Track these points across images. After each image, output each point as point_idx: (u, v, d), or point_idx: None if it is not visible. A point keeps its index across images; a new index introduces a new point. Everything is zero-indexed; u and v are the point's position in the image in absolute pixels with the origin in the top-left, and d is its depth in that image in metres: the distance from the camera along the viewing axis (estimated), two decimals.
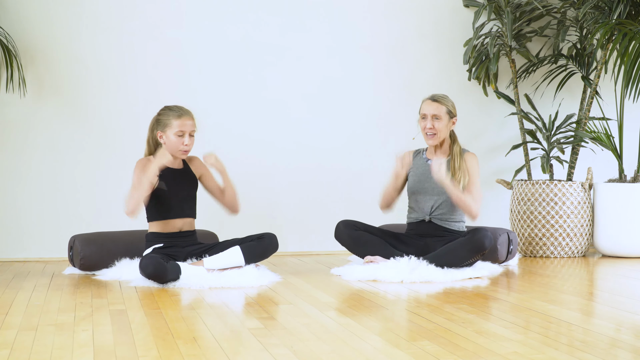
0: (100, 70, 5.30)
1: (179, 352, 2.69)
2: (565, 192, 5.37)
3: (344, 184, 5.65)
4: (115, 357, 2.64)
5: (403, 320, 3.26)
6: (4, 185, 5.20)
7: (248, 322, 3.20)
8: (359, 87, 5.67)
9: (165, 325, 3.13)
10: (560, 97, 5.85)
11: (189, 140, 4.37)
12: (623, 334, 2.97)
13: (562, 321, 3.21)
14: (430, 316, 3.30)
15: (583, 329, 3.05)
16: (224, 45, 5.45)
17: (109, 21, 5.29)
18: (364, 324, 3.15)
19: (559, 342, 2.83)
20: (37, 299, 3.76)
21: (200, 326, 3.12)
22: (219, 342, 2.84)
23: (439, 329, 3.06)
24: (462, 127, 5.76)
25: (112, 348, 2.76)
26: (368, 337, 2.93)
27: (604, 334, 2.96)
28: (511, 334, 2.96)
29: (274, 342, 2.83)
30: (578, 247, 5.41)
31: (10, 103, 5.18)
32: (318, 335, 2.95)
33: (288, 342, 2.84)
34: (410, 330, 3.05)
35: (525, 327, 3.09)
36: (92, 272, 4.59)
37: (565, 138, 5.52)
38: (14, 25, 5.16)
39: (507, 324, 3.14)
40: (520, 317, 3.29)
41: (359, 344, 2.81)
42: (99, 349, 2.76)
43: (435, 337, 2.92)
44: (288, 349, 2.74)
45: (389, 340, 2.87)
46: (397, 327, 3.12)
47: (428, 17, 5.74)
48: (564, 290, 3.99)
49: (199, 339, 2.90)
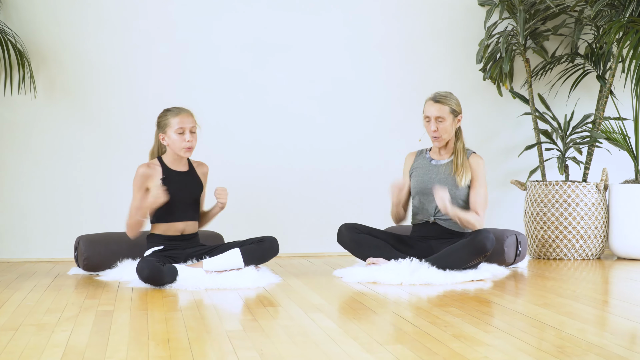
0: (109, 72, 5.33)
1: (147, 354, 2.69)
2: (579, 193, 5.27)
3: (355, 185, 5.62)
4: (82, 357, 2.65)
5: (385, 324, 3.22)
6: (15, 185, 5.26)
7: (228, 324, 3.18)
8: (370, 87, 5.63)
9: (145, 327, 3.13)
10: (576, 96, 5.75)
11: (190, 136, 4.37)
12: (605, 339, 2.90)
13: (547, 326, 3.14)
14: (415, 319, 3.26)
15: (566, 334, 2.98)
16: (233, 46, 5.45)
17: (118, 23, 5.32)
18: (345, 327, 3.12)
19: (536, 349, 2.77)
20: (31, 299, 3.79)
21: (179, 328, 3.12)
22: (190, 344, 2.83)
23: (418, 332, 3.02)
24: (476, 127, 5.70)
25: (83, 349, 2.77)
26: (343, 340, 2.90)
27: (586, 340, 2.88)
28: (490, 339, 2.90)
29: (245, 345, 2.82)
30: (592, 250, 5.31)
31: (21, 104, 5.24)
32: (293, 338, 2.93)
33: (260, 344, 2.82)
34: (388, 334, 3.01)
35: (506, 332, 3.03)
36: (96, 272, 4.62)
37: (581, 138, 5.42)
38: (24, 27, 5.22)
39: (490, 328, 3.08)
40: (506, 322, 3.23)
41: (330, 348, 2.78)
42: (70, 349, 2.77)
43: (411, 341, 2.88)
44: (257, 351, 2.72)
45: (363, 344, 2.83)
46: (377, 331, 3.08)
47: (442, 16, 5.68)
48: (562, 294, 3.91)
49: (173, 340, 2.90)
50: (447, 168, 4.58)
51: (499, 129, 5.77)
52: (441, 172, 4.57)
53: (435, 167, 4.61)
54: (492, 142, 5.75)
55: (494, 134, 5.76)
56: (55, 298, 3.81)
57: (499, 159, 5.74)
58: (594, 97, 5.73)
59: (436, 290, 4.05)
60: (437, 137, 4.54)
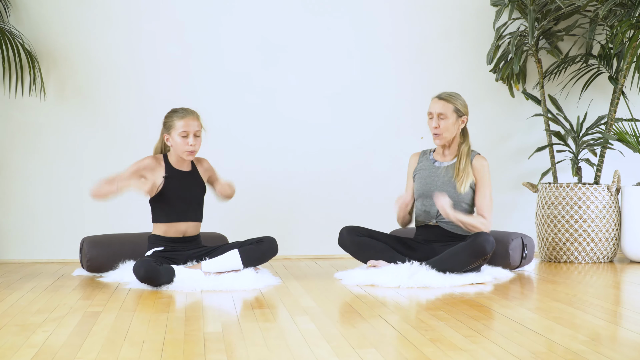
0: (118, 74, 5.37)
1: (117, 355, 2.70)
2: (589, 195, 5.18)
3: (365, 186, 5.59)
4: (53, 357, 2.67)
5: (367, 327, 3.19)
6: (26, 187, 5.33)
7: (210, 326, 3.19)
8: (380, 89, 5.60)
9: (126, 328, 3.15)
10: (587, 97, 5.65)
11: (194, 140, 4.37)
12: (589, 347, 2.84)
13: (530, 331, 3.09)
14: (399, 323, 3.23)
15: (546, 340, 2.93)
16: (242, 48, 5.46)
17: (127, 24, 5.36)
18: (324, 331, 3.10)
19: (510, 354, 2.72)
20: (26, 299, 3.83)
21: (159, 329, 3.13)
22: (163, 346, 2.84)
23: (396, 336, 2.99)
24: (489, 129, 5.64)
25: (57, 349, 2.79)
26: (318, 344, 2.88)
27: (566, 347, 2.83)
28: (465, 344, 2.86)
29: (218, 348, 2.82)
30: (604, 253, 5.22)
31: (32, 106, 5.30)
32: (268, 342, 2.92)
33: (233, 347, 2.82)
34: (365, 338, 2.99)
35: (485, 336, 2.99)
36: (99, 273, 4.65)
37: (594, 140, 5.33)
38: (34, 30, 5.28)
39: (471, 333, 3.04)
40: (489, 326, 3.19)
41: (301, 351, 2.77)
42: (44, 349, 2.79)
43: (386, 345, 2.86)
44: (226, 354, 2.72)
45: (335, 348, 2.82)
46: (355, 334, 3.05)
47: (453, 17, 5.63)
48: (558, 298, 3.85)
49: (148, 342, 2.91)
50: (449, 171, 4.53)
51: (511, 131, 5.70)
52: (443, 174, 4.53)
53: (438, 170, 4.57)
54: (504, 144, 5.68)
55: (506, 136, 5.69)
56: (50, 299, 3.85)
57: (511, 161, 5.67)
58: (608, 99, 5.63)
59: (433, 293, 4.02)
60: (437, 135, 4.50)
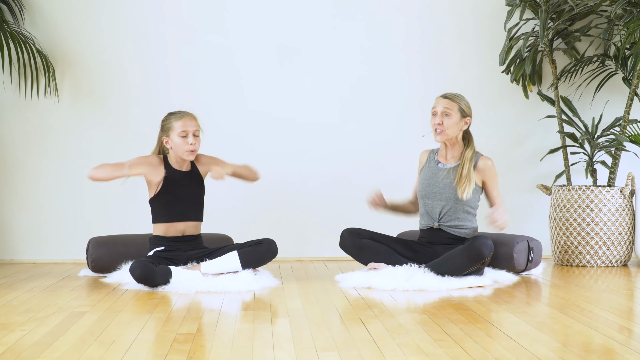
0: (130, 77, 5.43)
1: (81, 355, 2.73)
2: (602, 198, 5.09)
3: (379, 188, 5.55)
4: (18, 357, 2.71)
5: (341, 330, 3.18)
6: (40, 188, 5.42)
7: (185, 327, 3.20)
8: (394, 91, 5.56)
9: (103, 329, 3.18)
10: (601, 99, 5.54)
11: (193, 139, 4.41)
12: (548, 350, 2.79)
13: (505, 336, 3.05)
14: (374, 326, 3.21)
15: (514, 344, 2.88)
16: (254, 51, 5.48)
17: (138, 28, 5.42)
18: (297, 333, 3.09)
19: (472, 359, 2.69)
20: (20, 299, 3.89)
21: (134, 330, 3.15)
22: (130, 347, 2.86)
23: (365, 339, 2.97)
24: (505, 131, 5.58)
25: (25, 348, 2.84)
26: (285, 347, 2.88)
27: (535, 354, 2.78)
28: (432, 348, 2.83)
29: (182, 349, 2.83)
30: (617, 257, 5.11)
31: (46, 108, 5.39)
32: (234, 343, 2.93)
33: (197, 348, 2.83)
34: (334, 341, 2.97)
35: (456, 341, 2.95)
36: (104, 274, 4.71)
37: (608, 142, 5.23)
38: (49, 34, 5.37)
39: (443, 337, 3.01)
40: (465, 330, 3.14)
41: (264, 354, 2.77)
42: (13, 348, 2.84)
43: (350, 348, 2.84)
44: (187, 355, 2.73)
45: (300, 350, 2.81)
46: (326, 337, 3.04)
47: (468, 18, 5.57)
48: (552, 303, 3.79)
49: (117, 342, 2.94)
50: (451, 174, 4.48)
51: (527, 133, 5.62)
52: (444, 176, 4.48)
53: (440, 171, 4.53)
54: (520, 146, 5.61)
55: (522, 138, 5.62)
56: (44, 299, 3.91)
57: (527, 162, 5.59)
58: (624, 100, 5.52)
59: (429, 296, 3.98)
60: (440, 132, 4.45)
